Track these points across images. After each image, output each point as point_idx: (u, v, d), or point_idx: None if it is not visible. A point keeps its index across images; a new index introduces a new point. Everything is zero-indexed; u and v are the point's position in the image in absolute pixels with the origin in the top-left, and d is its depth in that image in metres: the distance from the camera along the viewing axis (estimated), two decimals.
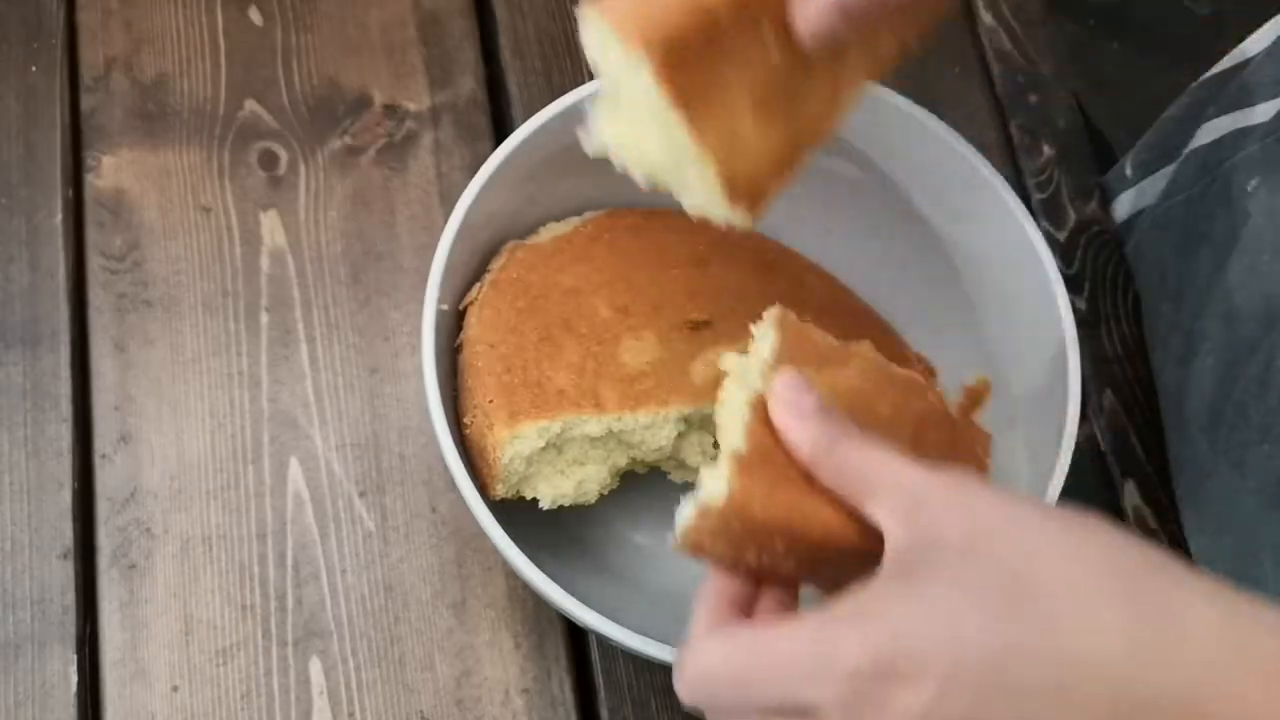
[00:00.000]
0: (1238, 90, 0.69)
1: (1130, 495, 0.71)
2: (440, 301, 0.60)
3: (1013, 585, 0.40)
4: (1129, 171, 0.77)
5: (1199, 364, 0.66)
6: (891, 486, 0.43)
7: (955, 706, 0.39)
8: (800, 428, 0.45)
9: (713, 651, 0.43)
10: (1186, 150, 0.72)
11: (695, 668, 0.44)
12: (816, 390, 0.46)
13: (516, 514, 0.60)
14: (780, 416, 0.46)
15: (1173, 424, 0.70)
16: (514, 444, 0.59)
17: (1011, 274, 0.64)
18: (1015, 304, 0.65)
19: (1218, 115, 0.70)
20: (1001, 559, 0.41)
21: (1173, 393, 0.70)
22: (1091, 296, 0.76)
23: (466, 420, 0.61)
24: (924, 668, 0.39)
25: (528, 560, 0.56)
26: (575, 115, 0.63)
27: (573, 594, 0.56)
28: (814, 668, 0.41)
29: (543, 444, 0.59)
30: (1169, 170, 0.73)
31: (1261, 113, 0.67)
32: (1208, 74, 0.72)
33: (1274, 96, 0.67)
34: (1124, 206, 0.77)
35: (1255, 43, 0.70)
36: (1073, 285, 0.76)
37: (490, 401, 0.59)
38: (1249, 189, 0.65)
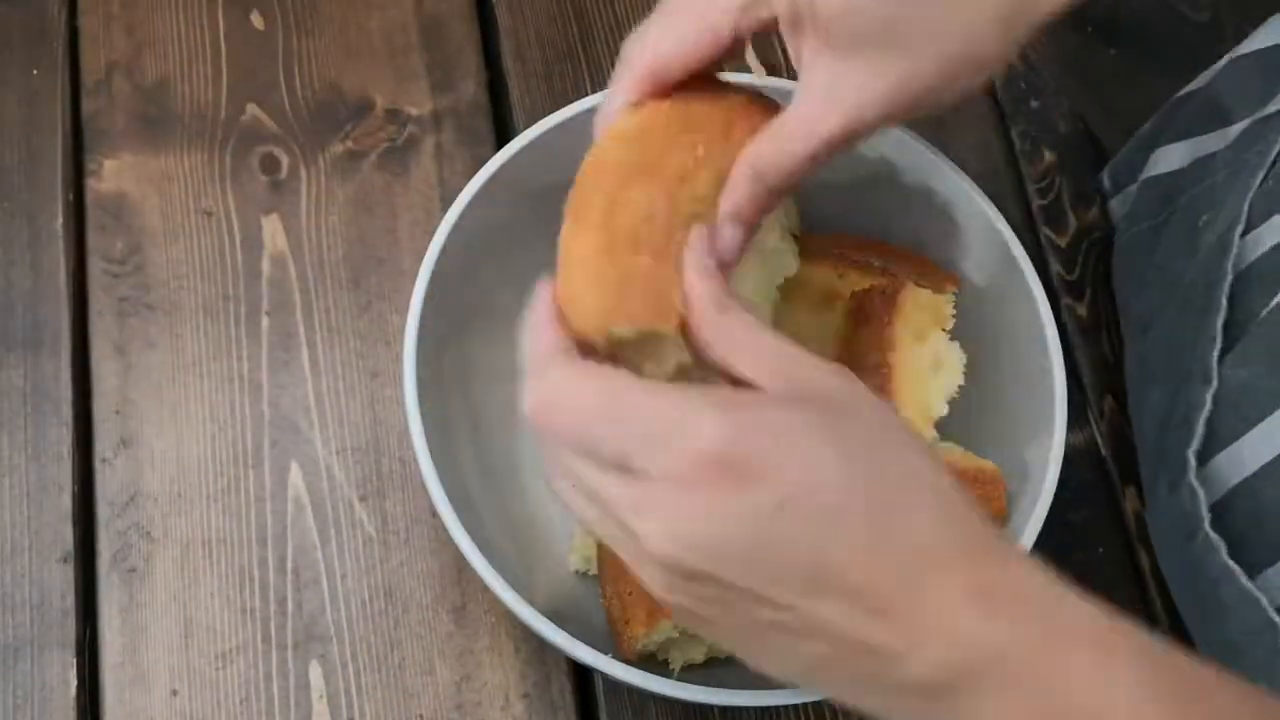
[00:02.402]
0: (1198, 114, 0.69)
1: (1131, 500, 0.71)
2: (421, 333, 0.60)
3: (871, 449, 0.41)
4: (1106, 184, 0.77)
5: (1150, 396, 0.66)
6: (767, 351, 0.44)
7: (785, 525, 0.40)
8: (699, 283, 0.46)
9: (576, 385, 0.43)
10: (1144, 176, 0.72)
11: (552, 394, 0.44)
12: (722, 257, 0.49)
13: None
14: (687, 269, 0.47)
15: (1141, 454, 0.70)
16: (650, 637, 0.59)
17: (995, 283, 0.64)
18: (999, 312, 0.65)
19: (1175, 140, 0.70)
20: (867, 421, 0.42)
21: (1134, 422, 0.70)
22: (1092, 301, 0.76)
23: (607, 594, 0.62)
24: (770, 475, 0.40)
25: (526, 604, 0.56)
26: (576, 122, 0.63)
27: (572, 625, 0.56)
28: (665, 432, 0.40)
29: (677, 634, 0.60)
30: (1132, 190, 0.73)
31: (1217, 140, 0.67)
32: (1175, 95, 0.72)
33: (1232, 123, 0.66)
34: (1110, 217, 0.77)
35: (1218, 66, 0.70)
36: (1074, 290, 0.76)
37: (629, 594, 0.60)
38: (1200, 225, 0.64)
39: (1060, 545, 0.61)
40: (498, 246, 0.65)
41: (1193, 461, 0.59)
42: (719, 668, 0.61)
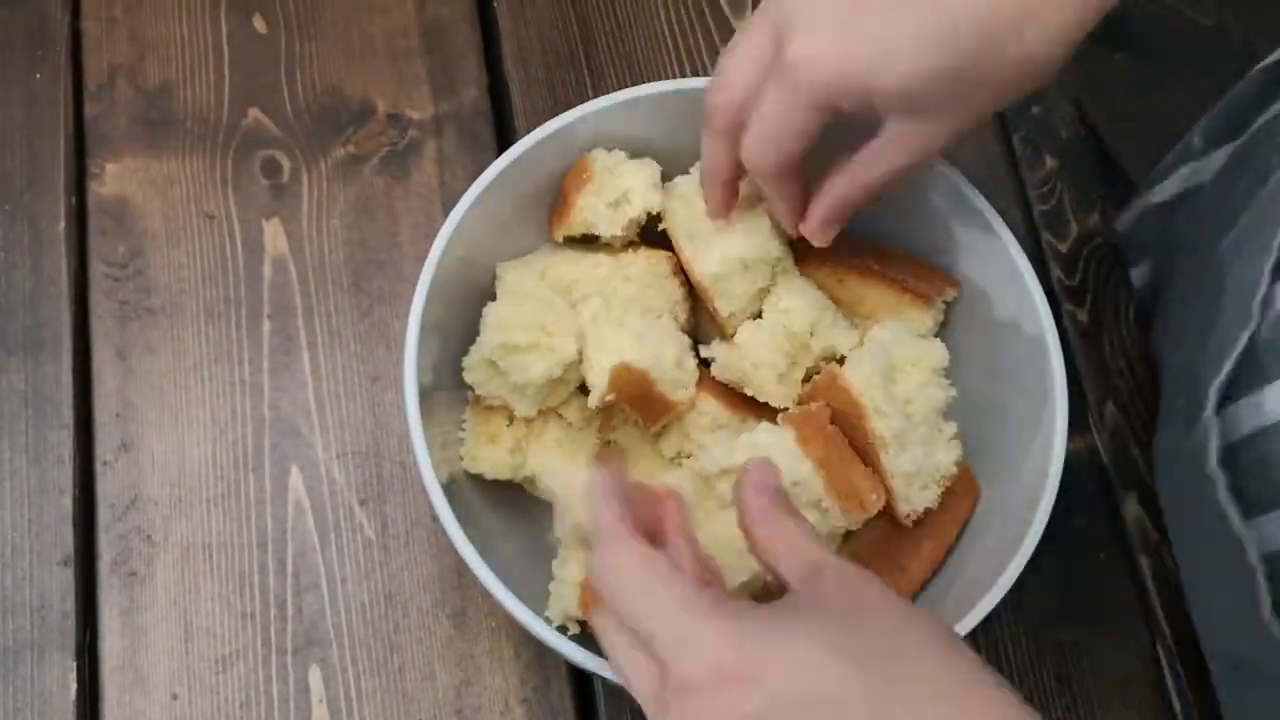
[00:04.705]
0: None
1: (1131, 506, 0.71)
2: (421, 339, 0.60)
3: (875, 654, 0.44)
4: (1196, 141, 0.76)
5: (1196, 309, 0.66)
6: (798, 557, 0.49)
7: None
8: (753, 499, 0.51)
9: (627, 561, 0.48)
10: (1252, 128, 0.71)
11: (608, 574, 0.48)
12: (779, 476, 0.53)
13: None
14: (744, 487, 0.52)
15: (1168, 372, 0.69)
16: None
17: (995, 288, 0.64)
18: (1000, 318, 0.65)
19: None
20: (877, 627, 0.46)
21: (1170, 337, 0.69)
22: (1093, 307, 0.76)
23: None
24: (763, 680, 0.44)
25: (514, 597, 0.56)
26: (577, 127, 0.63)
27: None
28: (681, 636, 0.46)
29: None
30: (1230, 148, 0.72)
31: None
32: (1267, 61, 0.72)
33: None
34: (1173, 186, 0.77)
35: None
36: (1075, 296, 0.76)
37: None
38: (1274, 164, 0.64)
39: (1060, 552, 0.61)
40: (499, 251, 0.65)
41: (1214, 397, 0.59)
42: None
